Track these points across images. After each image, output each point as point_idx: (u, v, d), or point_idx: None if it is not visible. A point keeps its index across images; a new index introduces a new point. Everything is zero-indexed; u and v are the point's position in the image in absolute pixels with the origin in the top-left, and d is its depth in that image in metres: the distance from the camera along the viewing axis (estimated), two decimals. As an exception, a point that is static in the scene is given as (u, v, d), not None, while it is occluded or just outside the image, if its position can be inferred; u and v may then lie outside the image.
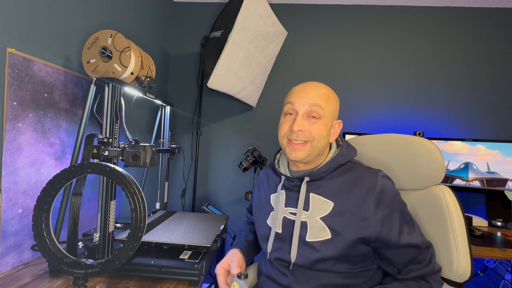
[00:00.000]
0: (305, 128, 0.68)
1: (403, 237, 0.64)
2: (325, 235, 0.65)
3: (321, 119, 0.68)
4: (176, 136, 1.77)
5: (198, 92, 1.74)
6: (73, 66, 0.98)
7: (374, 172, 0.68)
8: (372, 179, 0.66)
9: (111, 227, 0.79)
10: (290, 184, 0.74)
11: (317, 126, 0.68)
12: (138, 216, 0.63)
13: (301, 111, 0.68)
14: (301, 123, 0.67)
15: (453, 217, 0.68)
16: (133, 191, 0.63)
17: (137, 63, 0.98)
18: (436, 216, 0.71)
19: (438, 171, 0.74)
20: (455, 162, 1.39)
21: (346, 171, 0.70)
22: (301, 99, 0.68)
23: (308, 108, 0.68)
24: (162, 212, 1.28)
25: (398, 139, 0.81)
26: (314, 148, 0.69)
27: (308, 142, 0.68)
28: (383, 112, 1.63)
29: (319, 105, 0.67)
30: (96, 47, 0.91)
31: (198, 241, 0.89)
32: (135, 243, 0.62)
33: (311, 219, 0.68)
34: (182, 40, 1.80)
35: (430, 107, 1.59)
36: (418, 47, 1.62)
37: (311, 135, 0.68)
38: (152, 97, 1.13)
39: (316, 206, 0.68)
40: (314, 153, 0.70)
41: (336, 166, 0.71)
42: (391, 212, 0.64)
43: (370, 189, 0.65)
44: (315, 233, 0.66)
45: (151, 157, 0.75)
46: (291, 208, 0.72)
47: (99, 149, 0.75)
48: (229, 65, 1.26)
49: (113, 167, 0.66)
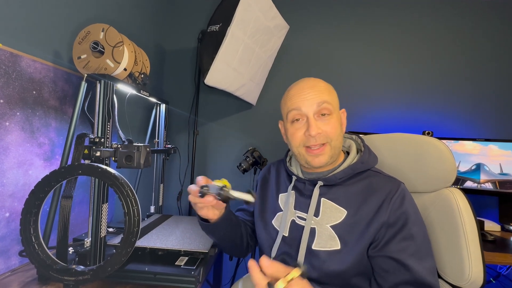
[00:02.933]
0: (321, 130, 0.66)
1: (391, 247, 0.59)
2: (333, 245, 0.64)
3: (332, 115, 0.68)
4: (172, 136, 1.77)
5: (195, 89, 1.74)
6: (63, 62, 0.97)
7: (396, 183, 0.66)
8: (392, 187, 0.65)
9: (103, 231, 0.79)
10: (301, 186, 0.73)
11: (331, 124, 0.67)
12: (132, 220, 0.63)
13: (310, 113, 0.67)
14: (317, 126, 0.66)
15: (464, 221, 0.68)
16: (127, 193, 0.63)
17: (130, 59, 0.97)
18: (447, 220, 0.71)
19: (449, 172, 0.73)
20: (466, 163, 1.39)
21: (364, 179, 0.68)
22: (306, 100, 0.67)
23: (317, 108, 0.67)
24: (157, 216, 1.28)
25: (406, 139, 0.81)
26: (334, 148, 0.68)
27: (327, 143, 0.67)
28: (390, 110, 1.63)
29: (327, 100, 0.67)
30: (87, 41, 0.91)
31: (195, 247, 0.89)
32: (129, 249, 0.62)
33: (320, 226, 0.66)
34: (178, 35, 1.79)
35: (440, 105, 1.59)
36: (426, 42, 1.62)
37: (329, 136, 0.67)
38: (146, 95, 1.13)
39: (327, 213, 0.67)
40: (335, 153, 0.69)
41: (354, 173, 0.69)
42: (396, 222, 0.62)
43: (388, 196, 0.63)
44: (323, 242, 0.65)
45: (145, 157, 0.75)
46: (300, 212, 0.71)
47: (91, 150, 0.75)
48: (227, 60, 1.26)
49: (105, 168, 0.66)
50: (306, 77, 0.73)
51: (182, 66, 1.79)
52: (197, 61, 1.73)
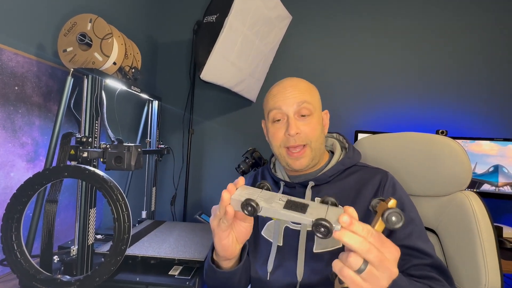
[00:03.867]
0: (300, 130, 0.70)
1: (398, 234, 0.63)
2: (335, 244, 0.66)
3: (312, 115, 0.71)
4: (165, 135, 1.77)
5: (190, 85, 1.74)
6: (47, 55, 0.97)
7: (384, 172, 0.72)
8: (382, 177, 0.70)
9: (90, 239, 0.79)
10: (292, 191, 0.75)
11: (311, 125, 0.71)
12: (122, 227, 0.63)
13: (291, 112, 0.70)
14: (296, 125, 0.70)
15: (480, 227, 0.68)
16: (116, 198, 0.63)
17: (120, 52, 0.98)
18: (461, 226, 0.71)
19: (464, 174, 0.73)
20: (483, 165, 1.39)
21: (353, 173, 0.74)
22: (286, 99, 0.71)
23: (297, 107, 0.70)
24: (149, 221, 1.28)
25: (418, 138, 0.81)
26: (314, 149, 0.72)
27: (307, 145, 0.71)
28: (401, 107, 1.63)
29: (307, 100, 0.70)
30: (73, 33, 0.91)
31: (190, 255, 0.89)
32: (118, 257, 0.62)
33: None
34: (172, 26, 1.79)
35: (455, 101, 1.59)
36: (440, 34, 1.62)
37: (308, 137, 0.70)
38: (137, 91, 1.13)
39: None
40: (317, 155, 0.73)
41: (343, 169, 0.74)
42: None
43: (380, 186, 0.69)
44: (324, 243, 0.67)
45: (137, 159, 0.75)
46: None
47: (77, 150, 0.75)
48: (225, 54, 1.26)
49: (93, 170, 0.66)
50: (289, 77, 0.77)
51: (176, 60, 1.79)
52: (192, 54, 1.73)
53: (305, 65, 1.70)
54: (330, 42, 1.69)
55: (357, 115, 1.64)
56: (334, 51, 1.69)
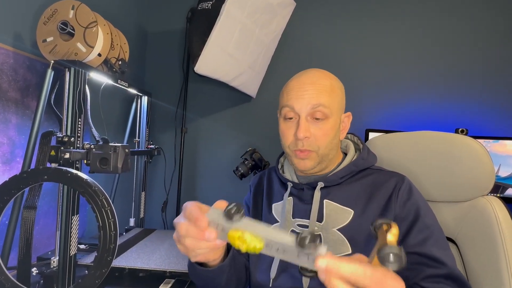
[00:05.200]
0: (310, 134, 0.70)
1: (410, 241, 0.64)
2: (344, 250, 0.67)
3: (328, 119, 0.71)
4: (156, 135, 1.77)
5: (183, 79, 1.74)
6: (25, 45, 0.98)
7: (400, 176, 0.73)
8: (398, 181, 0.71)
9: (73, 249, 0.79)
10: (299, 192, 0.76)
11: (323, 130, 0.71)
12: (108, 235, 0.63)
13: (303, 113, 0.70)
14: (306, 128, 0.70)
15: (504, 236, 0.68)
16: (101, 203, 0.63)
17: (105, 42, 0.98)
18: (483, 235, 0.71)
19: (486, 178, 0.73)
20: (508, 167, 1.39)
21: (366, 176, 0.74)
22: (300, 99, 0.70)
23: (310, 110, 0.70)
24: (137, 230, 1.28)
25: (435, 138, 0.81)
26: (321, 156, 0.72)
27: (313, 152, 0.71)
28: (416, 103, 1.63)
29: (323, 104, 0.69)
30: (54, 21, 0.91)
31: (183, 267, 0.89)
32: (104, 269, 0.62)
33: (326, 231, 0.69)
34: (163, 13, 1.79)
35: (477, 97, 1.59)
36: (459, 21, 1.62)
37: (316, 144, 0.71)
38: (125, 85, 1.13)
39: (332, 216, 0.70)
40: (324, 160, 0.73)
41: (356, 171, 0.74)
42: (407, 215, 0.67)
43: (395, 189, 0.69)
44: (332, 248, 0.67)
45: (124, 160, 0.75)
46: (301, 220, 0.73)
47: (58, 151, 0.75)
48: (222, 44, 1.26)
49: (76, 173, 0.66)
50: (312, 68, 0.76)
51: (168, 51, 1.79)
52: (185, 45, 1.73)
53: (310, 56, 1.70)
54: (338, 31, 1.69)
55: (367, 112, 1.64)
56: (341, 40, 1.68)
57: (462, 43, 1.61)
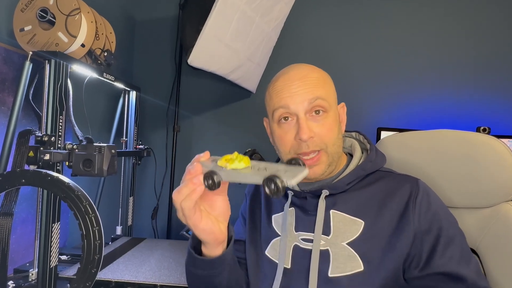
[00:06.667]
0: (314, 133, 0.69)
1: (437, 260, 0.63)
2: (355, 267, 0.66)
3: (328, 113, 0.70)
4: (145, 134, 1.77)
5: (176, 72, 1.74)
6: (0, 35, 0.98)
7: (413, 180, 0.71)
8: (412, 187, 0.69)
9: (53, 260, 0.79)
10: (302, 202, 0.75)
11: (326, 125, 0.70)
12: (92, 245, 0.63)
13: (301, 112, 0.69)
14: (309, 128, 0.68)
15: (530, 246, 0.68)
16: (85, 210, 0.63)
17: (89, 32, 0.98)
18: (507, 244, 0.71)
19: (510, 181, 0.73)
20: (534, 170, 1.39)
21: (376, 181, 0.73)
22: (295, 96, 0.69)
23: (309, 105, 0.69)
24: (125, 239, 1.28)
25: (454, 138, 0.81)
26: (331, 154, 0.71)
27: (322, 150, 0.70)
28: (434, 100, 1.63)
29: (320, 96, 0.69)
30: (32, 8, 0.91)
31: (175, 280, 0.89)
32: (88, 283, 0.62)
33: (334, 246, 0.68)
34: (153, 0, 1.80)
35: (500, 93, 1.59)
36: (479, 10, 1.62)
37: (323, 141, 0.69)
38: (111, 79, 1.13)
39: (340, 228, 0.69)
40: (334, 160, 0.72)
41: (364, 175, 0.73)
42: (430, 227, 0.66)
43: (411, 197, 0.68)
44: (342, 265, 0.67)
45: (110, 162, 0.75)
46: (305, 233, 0.72)
47: (37, 151, 0.75)
48: (218, 34, 1.27)
49: (57, 176, 0.66)
50: (296, 64, 0.76)
51: (159, 41, 1.79)
52: (178, 34, 1.73)
53: (315, 47, 1.70)
54: (346, 20, 1.69)
55: (379, 108, 1.64)
56: (350, 30, 1.68)
57: (483, 33, 1.61)
